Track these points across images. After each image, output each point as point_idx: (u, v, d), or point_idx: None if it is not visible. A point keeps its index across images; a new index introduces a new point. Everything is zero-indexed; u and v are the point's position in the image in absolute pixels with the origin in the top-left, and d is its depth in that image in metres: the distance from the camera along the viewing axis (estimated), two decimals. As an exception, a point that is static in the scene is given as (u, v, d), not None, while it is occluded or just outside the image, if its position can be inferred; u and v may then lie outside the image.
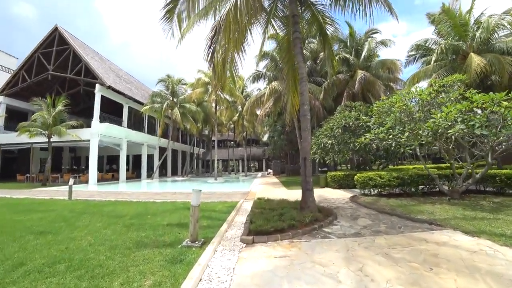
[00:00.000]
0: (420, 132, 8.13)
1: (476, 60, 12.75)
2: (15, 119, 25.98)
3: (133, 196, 12.76)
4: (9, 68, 32.15)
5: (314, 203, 6.50)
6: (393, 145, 8.88)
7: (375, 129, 9.55)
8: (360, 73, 16.60)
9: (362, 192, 10.24)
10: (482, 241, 4.32)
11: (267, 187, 16.03)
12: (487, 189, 9.84)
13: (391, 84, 21.15)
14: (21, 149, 26.25)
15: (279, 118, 29.85)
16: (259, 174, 39.04)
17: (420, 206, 7.53)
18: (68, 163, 34.40)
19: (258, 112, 23.93)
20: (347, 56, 17.98)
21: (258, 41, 10.06)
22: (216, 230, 5.54)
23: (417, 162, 36.93)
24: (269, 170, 40.10)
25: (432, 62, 15.05)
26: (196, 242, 4.54)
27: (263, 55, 18.07)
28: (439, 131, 7.58)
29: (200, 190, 4.71)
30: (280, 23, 9.36)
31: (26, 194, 14.10)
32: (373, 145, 11.91)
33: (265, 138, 48.42)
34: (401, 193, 9.91)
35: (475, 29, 15.38)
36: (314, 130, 16.57)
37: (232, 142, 50.28)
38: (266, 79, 20.86)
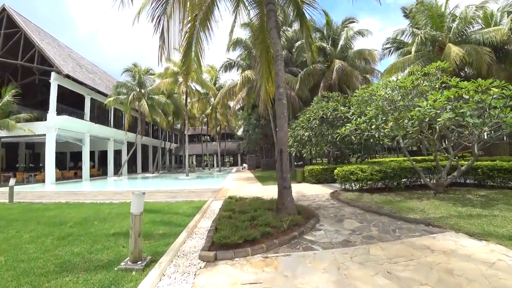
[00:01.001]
0: (406, 121, 7.46)
1: (455, 50, 12.48)
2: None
3: (89, 196, 11.24)
4: None
5: (292, 203, 5.54)
6: (376, 136, 8.16)
7: (355, 120, 8.80)
8: (337, 63, 15.93)
9: (343, 187, 9.51)
10: (494, 247, 3.58)
11: (241, 183, 15.01)
12: (467, 181, 9.49)
13: (368, 75, 20.80)
14: None
15: (254, 111, 28.87)
16: (234, 169, 37.98)
17: (407, 203, 6.85)
18: (24, 160, 31.16)
19: (231, 104, 22.73)
20: (324, 45, 17.24)
21: (228, 21, 8.91)
22: (172, 240, 4.42)
23: (390, 155, 37.52)
24: (244, 165, 39.16)
25: (413, 51, 14.67)
26: (139, 262, 3.40)
27: (235, 42, 16.93)
28: (426, 119, 6.93)
29: (144, 193, 3.55)
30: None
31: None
32: (352, 137, 11.31)
33: (239, 132, 47.38)
34: (383, 188, 9.28)
35: (451, 20, 15.24)
36: (290, 122, 15.74)
37: (207, 137, 48.69)
38: (240, 69, 19.63)
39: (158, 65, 7.39)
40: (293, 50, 19.22)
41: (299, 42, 18.51)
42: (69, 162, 32.23)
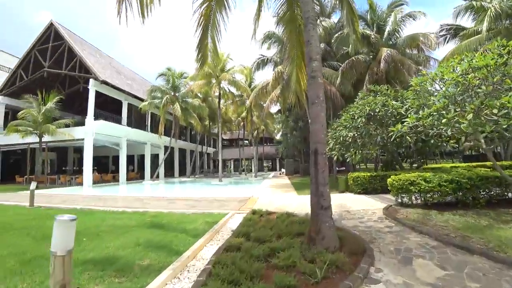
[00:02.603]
0: (495, 112, 5.26)
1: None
2: (15, 119, 24.73)
3: (109, 202, 10.62)
4: (9, 68, 31.08)
5: (332, 230, 3.77)
6: (448, 133, 5.99)
7: (413, 115, 6.72)
8: (385, 51, 13.51)
9: (399, 200, 7.39)
10: None
11: (274, 191, 13.40)
12: None
13: (421, 68, 17.86)
14: (25, 150, 24.84)
15: (291, 112, 27.10)
16: (271, 174, 36.42)
17: (503, 229, 4.67)
18: (73, 164, 33.09)
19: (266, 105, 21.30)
20: (368, 32, 14.85)
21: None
22: (150, 281, 3.02)
23: (443, 161, 32.29)
24: (283, 170, 37.38)
25: (484, 29, 11.78)
26: None
27: (267, 37, 15.47)
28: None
29: (74, 219, 2.15)
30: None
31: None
32: (407, 137, 9.15)
33: (278, 136, 45.82)
34: (454, 203, 6.96)
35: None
36: (331, 122, 13.78)
37: (244, 141, 47.97)
38: (273, 65, 18.05)
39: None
40: (332, 41, 17.13)
41: (338, 34, 16.49)
42: (111, 166, 33.47)
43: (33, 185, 10.26)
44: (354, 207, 7.61)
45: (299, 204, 8.55)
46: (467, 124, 5.63)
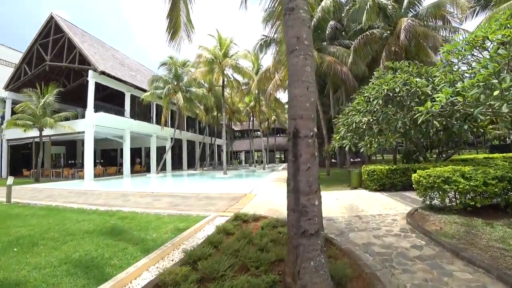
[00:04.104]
0: None
1: None
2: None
3: (90, 199, 9.71)
4: (13, 63, 30.82)
5: (321, 274, 2.16)
6: (504, 110, 4.23)
7: (448, 88, 4.97)
8: (405, 21, 11.34)
9: (427, 202, 5.68)
10: None
11: (277, 185, 11.89)
12: None
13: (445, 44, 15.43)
14: (35, 143, 24.55)
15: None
16: (282, 166, 34.88)
17: None
18: (81, 157, 32.89)
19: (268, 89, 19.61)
20: (384, 1, 12.58)
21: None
22: None
23: (466, 152, 28.70)
24: (294, 162, 35.70)
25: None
26: None
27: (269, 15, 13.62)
28: None
29: None
30: None
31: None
32: (435, 121, 7.44)
33: (290, 125, 44.02)
34: (498, 206, 5.17)
35: None
36: (342, 106, 12.04)
37: (258, 133, 46.62)
38: (277, 45, 16.18)
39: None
40: (343, 15, 14.98)
41: (349, 6, 14.46)
42: (119, 159, 32.98)
43: (9, 180, 9.60)
44: (368, 210, 5.98)
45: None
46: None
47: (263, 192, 9.76)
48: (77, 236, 4.76)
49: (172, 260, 3.50)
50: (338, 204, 6.77)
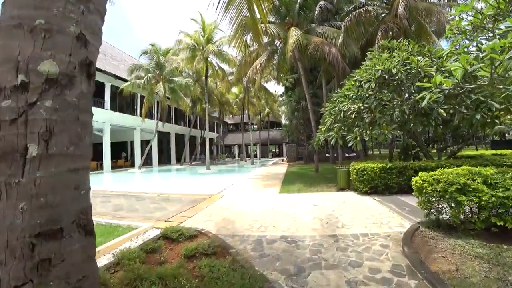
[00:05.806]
0: None
1: None
2: None
3: None
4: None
5: None
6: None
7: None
8: None
9: (431, 217, 4.10)
10: None
11: (255, 184, 10.35)
12: None
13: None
14: None
15: (294, 92, 23.67)
16: (273, 160, 33.42)
17: None
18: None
19: (257, 78, 17.94)
20: None
21: None
22: None
23: (467, 148, 27.05)
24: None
25: None
26: None
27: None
28: None
29: None
30: None
31: None
32: (440, 109, 5.93)
33: (284, 119, 42.66)
34: None
35: None
36: (330, 93, 10.47)
37: (254, 126, 45.12)
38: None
39: None
40: None
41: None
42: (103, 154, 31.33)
43: None
44: (350, 225, 4.40)
45: (268, 209, 5.54)
46: None
47: (233, 193, 8.24)
48: None
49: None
50: (313, 213, 5.22)
